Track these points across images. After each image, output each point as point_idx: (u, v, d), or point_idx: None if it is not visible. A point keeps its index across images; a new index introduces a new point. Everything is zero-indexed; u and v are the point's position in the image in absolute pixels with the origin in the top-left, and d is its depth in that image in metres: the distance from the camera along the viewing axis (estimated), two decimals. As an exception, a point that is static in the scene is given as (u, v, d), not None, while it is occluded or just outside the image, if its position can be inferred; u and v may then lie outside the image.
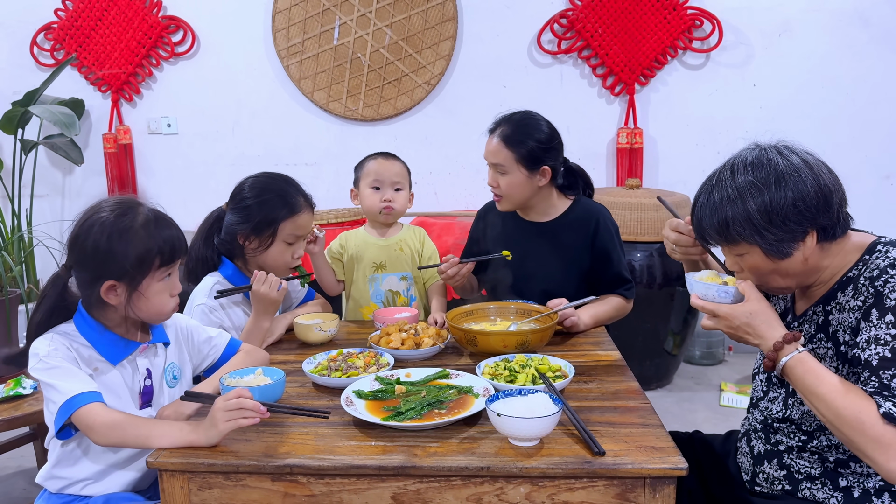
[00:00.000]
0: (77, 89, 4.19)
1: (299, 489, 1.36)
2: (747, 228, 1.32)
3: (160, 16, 4.09)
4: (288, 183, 2.09)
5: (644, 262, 3.55)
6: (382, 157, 2.41)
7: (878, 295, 1.28)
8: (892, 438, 1.19)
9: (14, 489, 2.86)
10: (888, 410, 1.20)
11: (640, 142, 4.01)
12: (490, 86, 4.06)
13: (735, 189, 1.32)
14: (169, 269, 1.56)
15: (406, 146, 4.15)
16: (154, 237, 1.52)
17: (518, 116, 2.20)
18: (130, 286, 1.51)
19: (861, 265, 1.36)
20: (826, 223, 1.33)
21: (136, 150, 4.28)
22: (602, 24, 3.93)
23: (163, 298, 1.56)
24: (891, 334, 1.25)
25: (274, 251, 2.03)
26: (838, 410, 1.24)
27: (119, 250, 1.49)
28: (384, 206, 2.36)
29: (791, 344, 1.33)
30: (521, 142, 2.14)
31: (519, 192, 2.19)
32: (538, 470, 1.30)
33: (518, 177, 2.16)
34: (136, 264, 1.50)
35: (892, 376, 1.23)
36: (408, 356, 1.83)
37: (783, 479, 1.45)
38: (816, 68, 3.89)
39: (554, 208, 2.27)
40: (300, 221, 2.04)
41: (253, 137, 4.21)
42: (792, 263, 1.35)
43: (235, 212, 2.03)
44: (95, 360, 1.56)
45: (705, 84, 3.98)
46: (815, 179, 1.31)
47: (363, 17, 3.99)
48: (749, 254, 1.36)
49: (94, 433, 1.44)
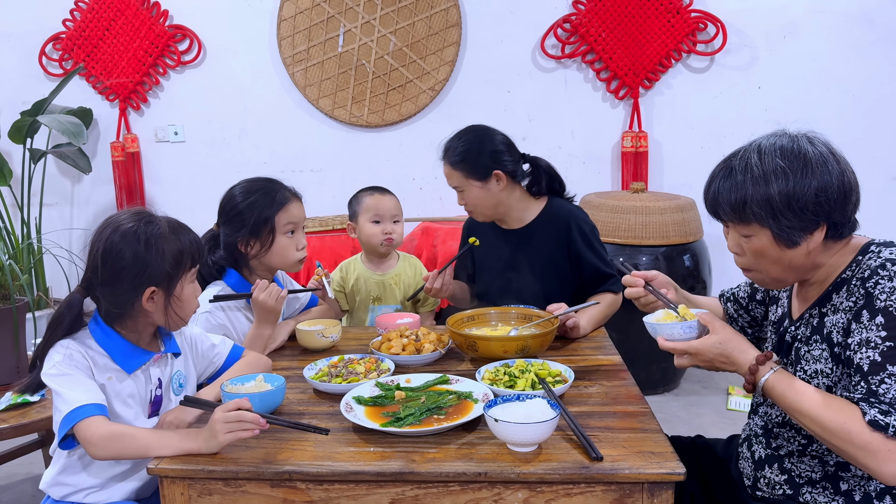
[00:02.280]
0: (85, 98, 4.24)
1: (298, 495, 1.36)
2: (765, 210, 1.32)
3: (167, 25, 4.13)
4: (270, 181, 2.12)
5: (649, 265, 3.54)
6: (379, 193, 2.55)
7: (868, 296, 1.28)
8: (880, 445, 1.19)
9: (23, 496, 2.88)
10: (873, 417, 1.20)
11: (644, 145, 4.01)
12: (494, 91, 4.07)
13: (762, 171, 1.32)
14: (195, 271, 1.63)
15: (411, 152, 4.17)
16: (182, 240, 1.58)
17: (456, 136, 2.26)
18: (168, 290, 1.56)
19: (854, 266, 1.36)
20: (839, 219, 1.33)
21: (144, 158, 4.31)
22: (606, 28, 3.93)
23: (194, 301, 1.63)
24: (881, 336, 1.25)
25: (277, 247, 2.05)
26: (824, 423, 1.25)
27: (158, 254, 1.53)
28: (385, 239, 2.48)
29: (765, 364, 1.35)
30: (462, 160, 2.20)
31: (483, 202, 2.23)
32: (535, 475, 1.30)
33: (474, 191, 2.21)
34: (174, 266, 1.55)
35: (880, 381, 1.23)
36: (408, 362, 1.83)
37: (784, 484, 1.44)
38: (822, 70, 3.88)
39: (527, 212, 2.29)
40: (292, 210, 2.07)
41: (259, 144, 4.24)
42: (796, 254, 1.35)
43: (228, 223, 2.05)
44: (110, 369, 1.57)
45: (710, 87, 3.97)
46: (840, 173, 1.31)
47: (367, 24, 4.01)
48: (756, 236, 1.36)
49: (93, 446, 1.45)
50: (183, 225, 1.62)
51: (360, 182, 4.24)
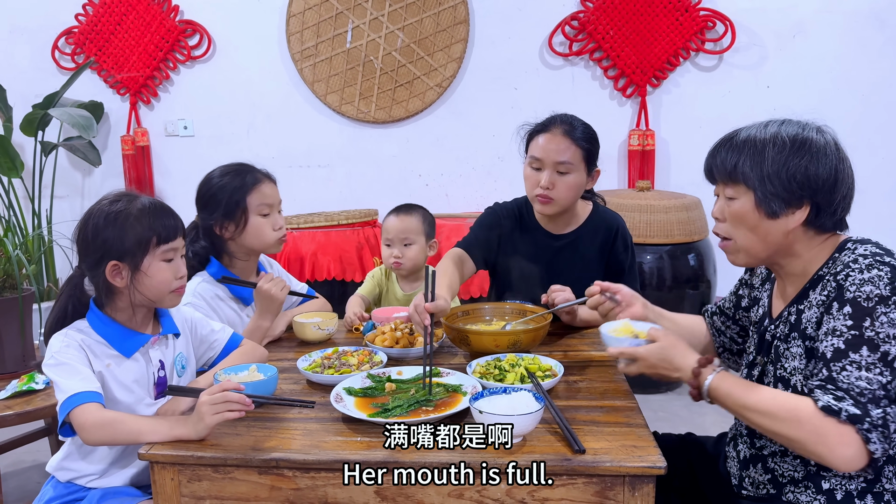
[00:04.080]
0: (97, 92, 4.29)
1: (285, 483, 1.38)
2: (754, 171, 1.36)
3: (177, 20, 4.17)
4: (243, 164, 2.14)
5: (654, 264, 3.54)
6: (395, 213, 2.51)
7: (839, 288, 1.30)
8: (831, 429, 1.21)
9: (29, 482, 2.93)
10: (826, 403, 1.22)
11: (651, 143, 4.00)
12: (501, 88, 4.07)
13: (763, 138, 1.36)
14: (169, 247, 1.61)
15: (417, 148, 4.18)
16: (150, 217, 1.59)
17: (570, 116, 2.12)
18: (132, 265, 1.57)
19: (831, 263, 1.37)
20: (824, 205, 1.35)
21: (154, 151, 4.36)
22: (614, 26, 3.93)
23: (165, 276, 1.60)
24: (846, 325, 1.26)
25: (252, 228, 2.06)
26: (773, 412, 1.27)
27: (118, 230, 1.56)
28: (393, 263, 2.46)
29: (708, 367, 1.38)
30: (586, 139, 2.07)
31: (576, 193, 2.10)
32: (518, 467, 1.31)
33: (580, 177, 2.07)
34: (137, 242, 1.56)
35: (841, 368, 1.24)
36: (402, 355, 1.85)
37: (768, 484, 1.45)
38: (831, 70, 3.85)
39: (577, 217, 2.20)
40: (264, 190, 2.08)
41: (267, 139, 4.27)
42: (773, 228, 1.37)
43: (204, 207, 2.08)
44: (109, 355, 1.61)
45: (718, 86, 3.95)
46: (838, 162, 1.34)
47: (375, 21, 4.03)
48: (740, 200, 1.39)
49: (85, 432, 1.48)
50: (162, 207, 1.63)
51: (367, 178, 4.30)
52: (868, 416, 1.21)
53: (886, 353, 1.24)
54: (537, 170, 2.08)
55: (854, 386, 1.23)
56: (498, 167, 4.11)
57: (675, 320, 1.75)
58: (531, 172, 2.10)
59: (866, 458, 1.23)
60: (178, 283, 1.63)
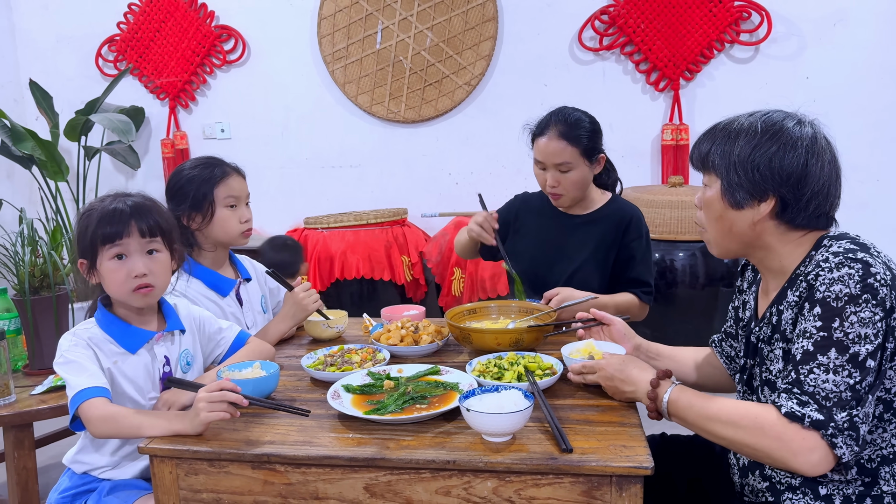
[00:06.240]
0: (138, 97, 4.43)
1: (278, 477, 1.41)
2: (722, 161, 1.35)
3: (213, 25, 4.27)
4: (212, 158, 2.16)
5: (686, 261, 3.46)
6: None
7: (810, 288, 1.26)
8: (794, 435, 1.17)
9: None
10: (790, 409, 1.17)
11: (685, 138, 3.92)
12: (531, 85, 4.05)
13: (738, 129, 1.36)
14: (114, 248, 1.61)
15: (447, 147, 4.19)
16: (100, 218, 1.61)
17: (565, 112, 2.21)
18: (91, 263, 1.64)
19: (807, 261, 1.33)
20: (789, 199, 1.32)
21: (192, 154, 4.48)
22: (645, 19, 3.86)
23: (116, 276, 1.61)
24: (816, 327, 1.22)
25: (218, 220, 2.09)
26: (735, 421, 1.25)
27: (82, 228, 1.64)
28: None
29: (666, 380, 1.37)
30: (579, 136, 2.15)
31: (582, 185, 2.21)
32: (503, 465, 1.30)
33: (583, 171, 2.18)
34: (88, 242, 1.62)
35: (808, 371, 1.20)
36: (406, 353, 1.86)
37: (766, 491, 1.41)
38: (873, 58, 3.70)
39: (592, 202, 2.29)
40: (232, 183, 2.11)
41: (301, 141, 4.34)
42: (738, 219, 1.36)
43: (172, 199, 2.11)
44: (115, 353, 1.66)
45: (754, 78, 3.85)
46: (806, 157, 1.30)
47: (405, 21, 4.05)
48: (711, 188, 1.40)
49: (92, 426, 1.54)
50: (143, 205, 1.66)
51: (398, 177, 4.33)
52: (832, 421, 1.17)
53: (856, 354, 1.20)
54: (543, 170, 2.22)
55: (820, 389, 1.19)
56: (528, 164, 3.97)
57: (675, 357, 1.75)
58: (538, 172, 2.26)
59: (833, 462, 1.20)
60: (130, 283, 1.62)
